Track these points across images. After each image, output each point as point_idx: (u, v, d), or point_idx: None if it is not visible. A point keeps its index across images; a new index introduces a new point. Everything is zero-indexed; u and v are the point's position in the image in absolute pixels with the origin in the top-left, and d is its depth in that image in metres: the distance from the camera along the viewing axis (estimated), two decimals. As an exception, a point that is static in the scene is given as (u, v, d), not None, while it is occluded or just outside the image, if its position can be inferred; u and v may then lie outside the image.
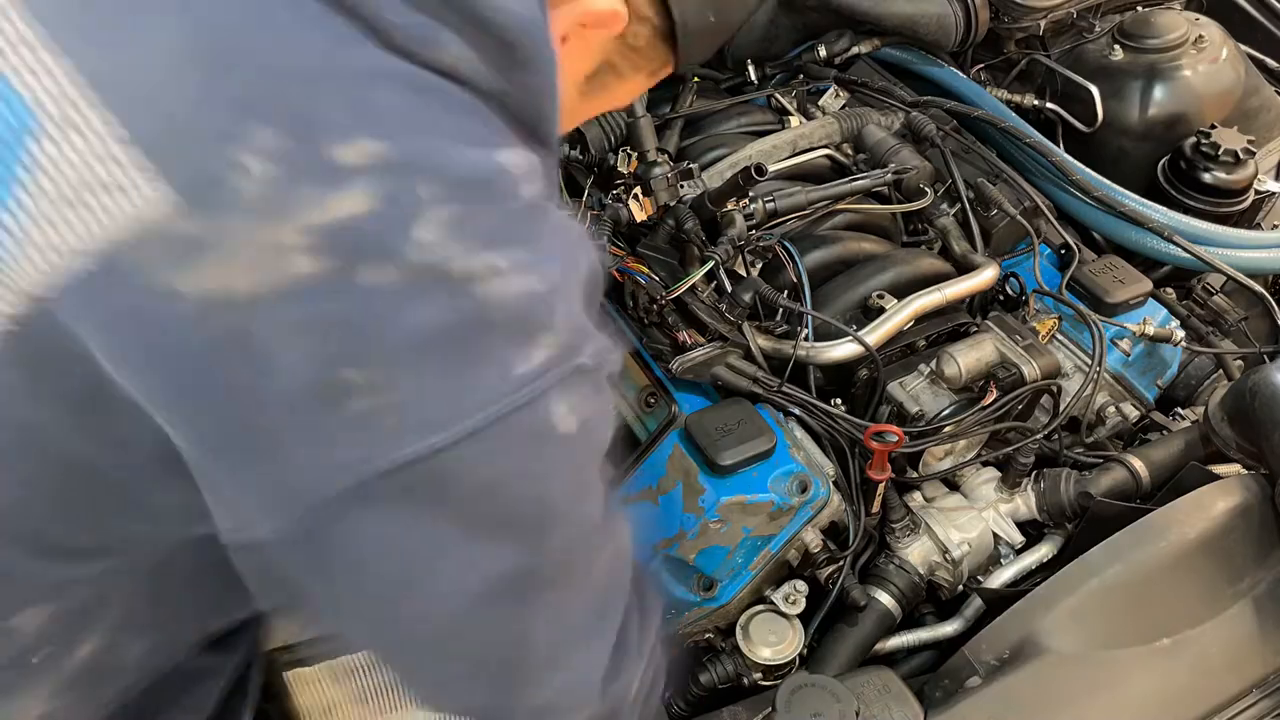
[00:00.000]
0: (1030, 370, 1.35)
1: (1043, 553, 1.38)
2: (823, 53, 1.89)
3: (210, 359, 0.61)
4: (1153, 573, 1.18)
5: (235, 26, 0.61)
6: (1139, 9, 1.97)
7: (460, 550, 0.68)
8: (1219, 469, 1.32)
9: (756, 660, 1.25)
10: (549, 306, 0.67)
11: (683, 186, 1.44)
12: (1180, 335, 1.52)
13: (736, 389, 1.34)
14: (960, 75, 1.83)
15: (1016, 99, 1.85)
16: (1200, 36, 1.85)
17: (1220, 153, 1.70)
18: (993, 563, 1.39)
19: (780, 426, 1.32)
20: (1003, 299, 1.56)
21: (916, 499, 1.41)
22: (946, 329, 1.47)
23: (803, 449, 1.32)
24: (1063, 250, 1.59)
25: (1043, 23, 1.88)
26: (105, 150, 0.60)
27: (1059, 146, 1.76)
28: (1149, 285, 1.55)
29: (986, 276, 1.48)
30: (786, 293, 1.40)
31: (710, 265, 1.38)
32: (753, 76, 1.90)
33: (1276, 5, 2.10)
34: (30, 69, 0.61)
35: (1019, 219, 1.59)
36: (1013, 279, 1.54)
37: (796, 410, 1.34)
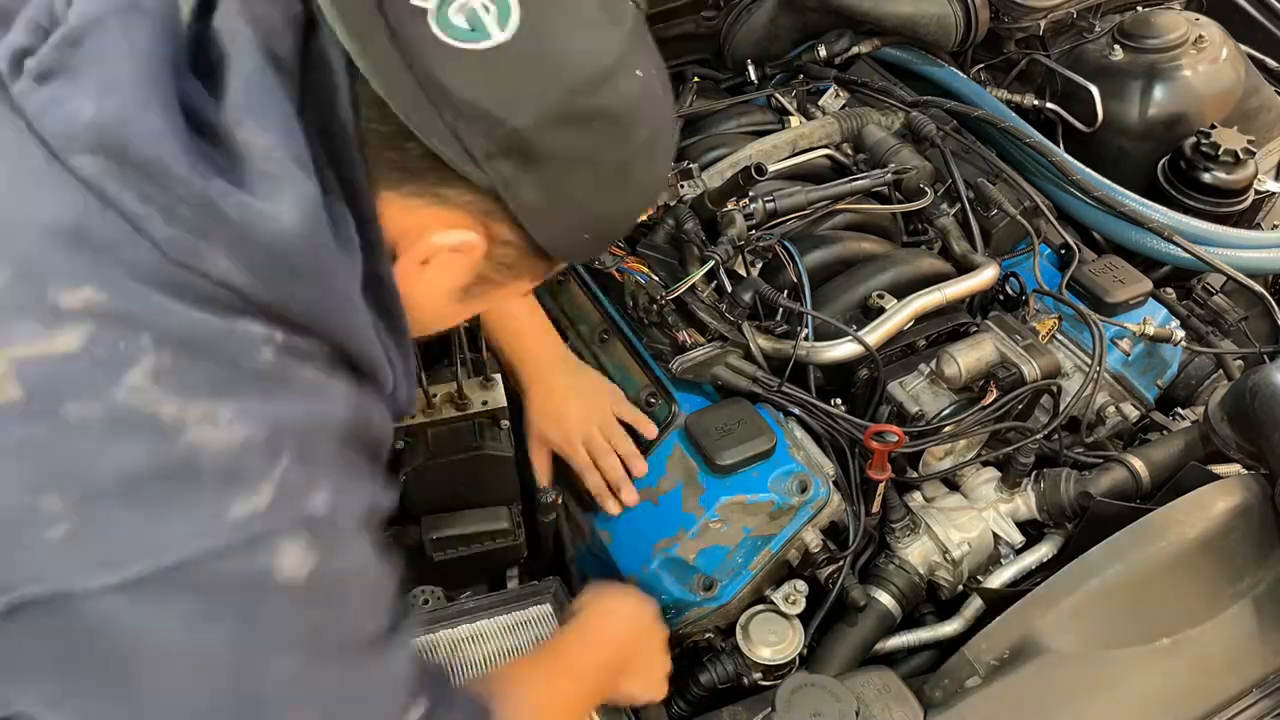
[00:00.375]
0: (1030, 370, 1.35)
1: (1043, 553, 1.38)
2: (823, 53, 1.89)
3: None
4: (1153, 573, 1.18)
5: (10, 195, 0.65)
6: (1139, 9, 1.97)
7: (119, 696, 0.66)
8: (1219, 469, 1.32)
9: (756, 660, 1.25)
10: (272, 456, 0.67)
11: (682, 186, 1.44)
12: (1180, 335, 1.52)
13: (736, 389, 1.34)
14: (960, 75, 1.83)
15: (1016, 99, 1.85)
16: (1200, 36, 1.85)
17: (1220, 153, 1.70)
18: (993, 563, 1.39)
19: (780, 426, 1.32)
20: (1003, 299, 1.56)
21: (916, 499, 1.41)
22: (946, 329, 1.47)
23: (803, 449, 1.32)
24: (1063, 250, 1.59)
25: (1043, 23, 1.88)
26: None
27: (1059, 146, 1.76)
28: (1149, 285, 1.55)
29: (986, 276, 1.48)
30: (786, 293, 1.40)
31: (710, 265, 1.38)
32: (753, 76, 1.90)
33: (1276, 5, 2.10)
34: None
35: (1019, 219, 1.59)
36: (1013, 279, 1.54)
37: (796, 410, 1.34)
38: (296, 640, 0.69)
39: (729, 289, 1.38)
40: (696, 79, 1.81)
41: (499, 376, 1.27)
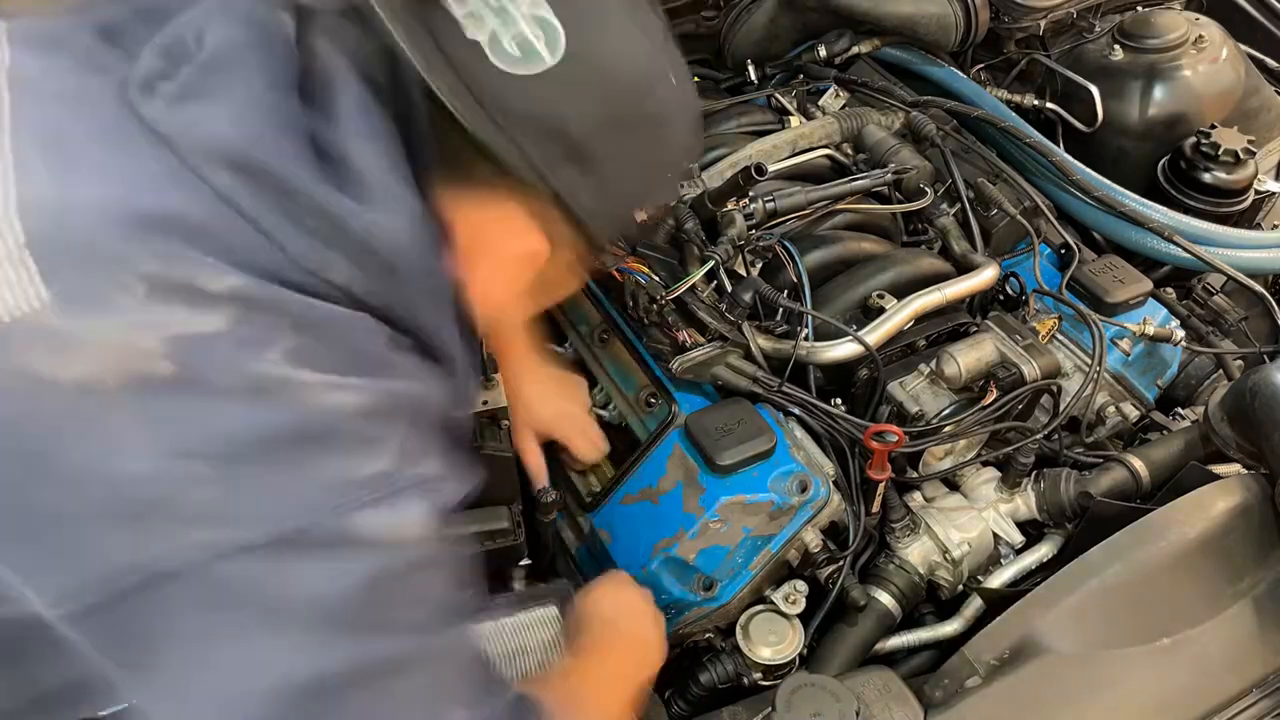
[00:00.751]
0: (1030, 370, 1.35)
1: (1043, 553, 1.38)
2: (823, 53, 1.89)
3: (61, 439, 0.68)
4: (1153, 573, 1.18)
5: (153, 195, 0.71)
6: (1139, 9, 1.97)
7: (262, 645, 0.71)
8: (1219, 469, 1.32)
9: (756, 660, 1.25)
10: (394, 423, 0.75)
11: (683, 186, 1.44)
12: (1180, 335, 1.52)
13: (736, 389, 1.34)
14: (960, 75, 1.83)
15: (1016, 99, 1.85)
16: (1200, 36, 1.85)
17: (1220, 153, 1.70)
18: (993, 563, 1.40)
19: (780, 426, 1.32)
20: (1003, 299, 1.56)
21: (916, 499, 1.41)
22: (946, 329, 1.47)
23: (803, 449, 1.32)
24: (1063, 250, 1.59)
25: (1043, 23, 1.88)
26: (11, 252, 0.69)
27: (1059, 146, 1.76)
28: (1149, 285, 1.55)
29: (986, 276, 1.48)
30: (786, 292, 1.40)
31: (710, 265, 1.38)
32: (753, 76, 1.90)
33: (1276, 5, 2.10)
34: None
35: (1019, 219, 1.59)
36: (1013, 279, 1.54)
37: (796, 410, 1.34)
38: (416, 596, 0.76)
39: (729, 289, 1.38)
40: (696, 79, 1.81)
41: (499, 377, 1.27)
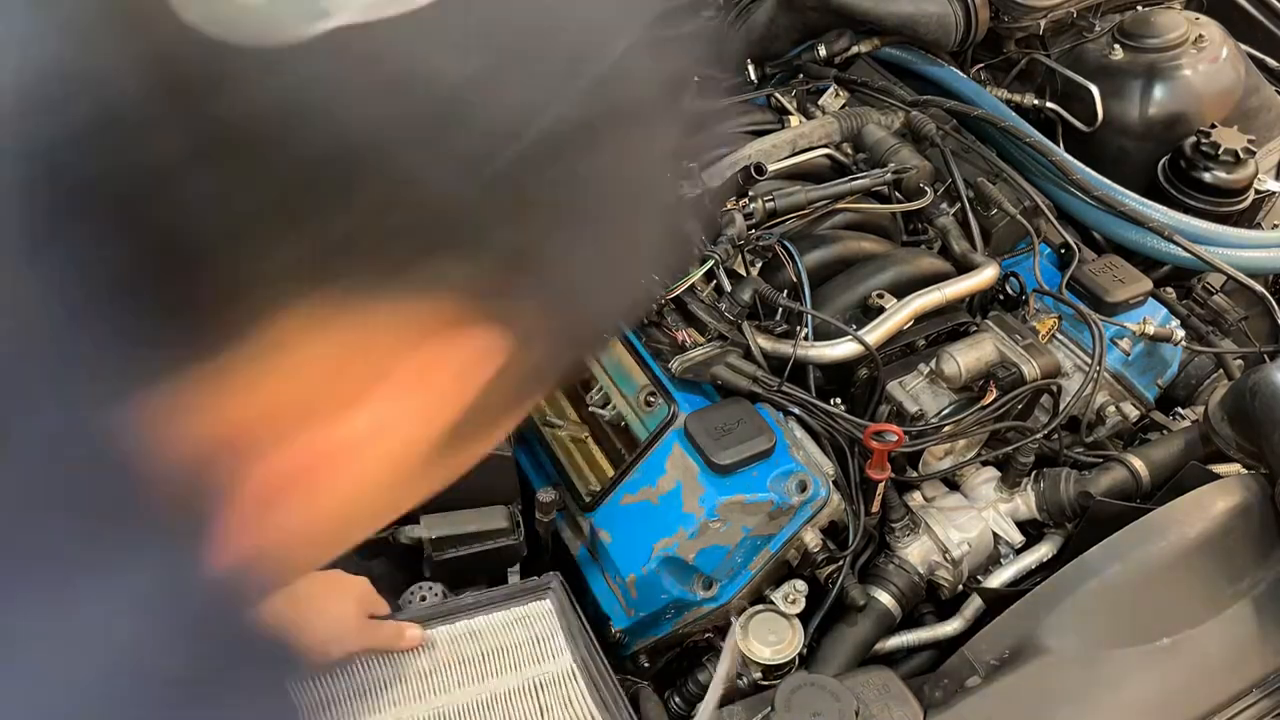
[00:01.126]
0: (1030, 370, 1.35)
1: (1043, 552, 1.38)
2: (822, 52, 1.89)
3: None
4: (1153, 572, 1.18)
5: None
6: (1139, 8, 1.97)
7: None
8: (1219, 469, 1.32)
9: (756, 660, 1.25)
10: None
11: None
12: (1180, 335, 1.52)
13: (736, 388, 1.34)
14: (960, 75, 1.83)
15: (1016, 98, 1.85)
16: (1200, 36, 1.85)
17: (1220, 152, 1.70)
18: (993, 562, 1.39)
19: (780, 426, 1.32)
20: (1003, 298, 1.56)
21: (916, 498, 1.41)
22: (946, 328, 1.46)
23: (802, 448, 1.31)
24: (1063, 250, 1.59)
25: (1043, 22, 1.87)
26: None
27: (1059, 146, 1.75)
28: (1149, 285, 1.55)
29: (986, 276, 1.48)
30: (786, 292, 1.40)
31: (709, 265, 1.38)
32: (752, 76, 1.90)
33: (1276, 5, 2.10)
34: None
35: (1019, 218, 1.59)
36: (1013, 278, 1.54)
37: (796, 410, 1.34)
38: None
39: (728, 288, 1.38)
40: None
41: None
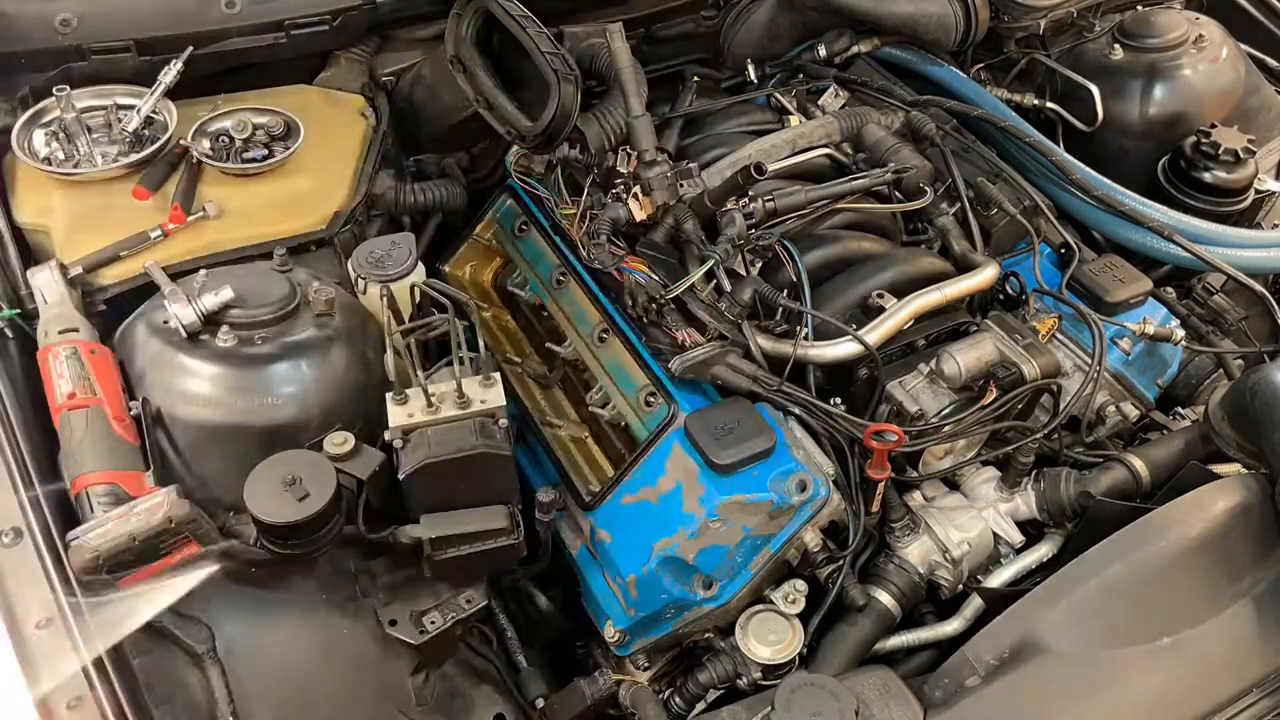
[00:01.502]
0: (1030, 369, 1.35)
1: (1043, 552, 1.38)
2: (823, 52, 1.89)
3: None
4: (1153, 572, 1.18)
5: None
6: (1139, 8, 1.97)
7: None
8: (1219, 469, 1.32)
9: (756, 659, 1.25)
10: None
11: (682, 186, 1.44)
12: (1180, 334, 1.52)
13: (736, 388, 1.34)
14: (960, 75, 1.83)
15: (1016, 98, 1.85)
16: (1200, 36, 1.85)
17: (1220, 152, 1.70)
18: (993, 562, 1.39)
19: (780, 426, 1.32)
20: (1003, 298, 1.56)
21: (916, 498, 1.40)
22: (946, 328, 1.46)
23: (802, 448, 1.31)
24: (1063, 249, 1.59)
25: (1043, 22, 1.88)
26: None
27: (1059, 146, 1.76)
28: (1149, 284, 1.55)
29: (986, 276, 1.48)
30: (786, 292, 1.40)
31: (709, 264, 1.38)
32: (752, 76, 1.90)
33: (1276, 5, 2.10)
34: None
35: (1019, 218, 1.59)
36: (1013, 278, 1.54)
37: (796, 409, 1.34)
38: None
39: (728, 288, 1.38)
40: (696, 79, 1.80)
41: (498, 375, 1.27)
